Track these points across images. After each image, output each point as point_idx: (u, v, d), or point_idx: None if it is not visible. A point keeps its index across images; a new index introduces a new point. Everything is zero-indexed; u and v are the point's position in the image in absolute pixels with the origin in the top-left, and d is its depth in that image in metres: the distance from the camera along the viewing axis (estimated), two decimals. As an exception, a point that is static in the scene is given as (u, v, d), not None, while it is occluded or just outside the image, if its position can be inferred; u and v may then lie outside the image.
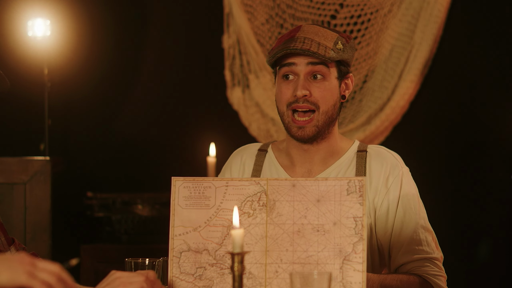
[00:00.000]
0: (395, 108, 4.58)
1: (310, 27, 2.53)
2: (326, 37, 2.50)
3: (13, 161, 4.35)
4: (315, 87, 2.48)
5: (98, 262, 4.51)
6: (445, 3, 4.49)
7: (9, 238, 2.38)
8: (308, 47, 2.45)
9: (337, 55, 2.48)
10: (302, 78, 2.48)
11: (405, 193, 2.50)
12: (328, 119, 2.51)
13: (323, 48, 2.46)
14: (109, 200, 4.65)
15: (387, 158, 2.53)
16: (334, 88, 2.52)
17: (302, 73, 2.48)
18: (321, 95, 2.48)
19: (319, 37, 2.49)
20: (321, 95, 2.48)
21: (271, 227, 2.11)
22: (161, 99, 4.95)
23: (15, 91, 4.69)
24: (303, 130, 2.49)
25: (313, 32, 2.50)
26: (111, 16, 4.96)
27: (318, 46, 2.46)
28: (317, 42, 2.47)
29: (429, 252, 2.47)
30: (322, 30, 2.52)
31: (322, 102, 2.49)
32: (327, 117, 2.50)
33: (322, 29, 2.53)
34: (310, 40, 2.47)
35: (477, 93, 4.55)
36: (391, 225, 2.48)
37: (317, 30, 2.51)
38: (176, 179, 2.18)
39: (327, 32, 2.52)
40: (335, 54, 2.47)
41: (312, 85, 2.48)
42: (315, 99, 2.48)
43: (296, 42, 2.46)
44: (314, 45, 2.46)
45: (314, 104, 2.48)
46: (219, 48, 4.84)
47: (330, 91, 2.50)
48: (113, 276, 1.98)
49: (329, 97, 2.50)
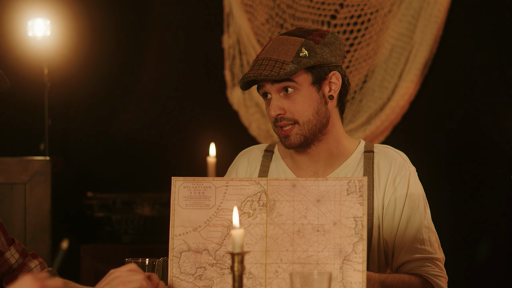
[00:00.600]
0: (395, 108, 4.58)
1: (276, 41, 2.50)
2: (287, 49, 2.46)
3: (13, 161, 4.35)
4: (287, 103, 2.47)
5: (98, 262, 4.51)
6: (445, 3, 4.49)
7: (9, 238, 2.38)
8: (261, 71, 2.43)
9: (298, 65, 2.43)
10: (273, 97, 2.48)
11: (411, 193, 2.50)
12: (313, 126, 2.49)
13: (278, 65, 2.43)
14: (109, 200, 4.65)
15: (395, 158, 2.53)
16: (309, 96, 2.48)
17: (272, 92, 2.48)
18: (295, 109, 2.47)
19: (278, 52, 2.46)
20: (295, 109, 2.47)
21: (271, 227, 2.11)
22: (161, 99, 4.95)
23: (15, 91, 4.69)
24: (289, 139, 2.49)
25: (274, 48, 2.48)
26: (111, 16, 4.96)
27: (274, 66, 2.43)
28: (274, 61, 2.44)
29: (432, 252, 2.47)
30: (286, 41, 2.48)
31: (299, 115, 2.47)
32: (311, 125, 2.48)
33: (286, 39, 2.49)
34: (267, 60, 2.45)
35: (477, 93, 4.55)
36: (397, 224, 2.48)
37: (279, 44, 2.48)
38: (176, 179, 2.18)
39: (290, 42, 2.48)
40: (294, 66, 2.42)
41: (284, 102, 2.47)
42: (291, 114, 2.47)
43: (254, 66, 2.46)
44: (269, 66, 2.43)
45: (291, 120, 2.47)
46: (219, 48, 4.84)
47: (306, 101, 2.47)
48: (112, 275, 1.97)
49: (306, 107, 2.47)
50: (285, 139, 2.49)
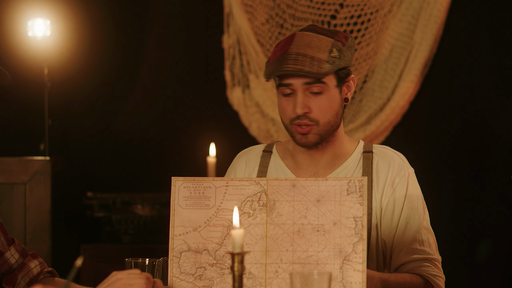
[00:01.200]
0: (395, 108, 4.58)
1: (304, 37, 2.46)
2: (319, 47, 2.44)
3: (13, 161, 4.35)
4: (314, 102, 2.45)
5: (98, 262, 4.51)
6: (445, 3, 4.49)
7: (9, 238, 2.38)
8: (301, 66, 2.39)
9: (332, 66, 2.42)
10: (300, 95, 2.44)
11: (410, 194, 2.50)
12: (331, 127, 2.49)
13: (316, 63, 2.41)
14: (109, 200, 4.65)
15: (393, 159, 2.53)
16: (334, 98, 2.47)
17: (300, 90, 2.44)
18: (320, 110, 2.45)
19: (312, 49, 2.43)
20: (320, 110, 2.45)
21: (271, 227, 2.11)
22: (161, 99, 4.95)
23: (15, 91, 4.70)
24: (306, 137, 2.47)
25: (306, 43, 2.44)
26: (111, 16, 4.96)
27: (312, 63, 2.40)
28: (310, 57, 2.41)
29: (430, 253, 2.47)
30: (316, 39, 2.45)
31: (322, 117, 2.45)
32: (329, 126, 2.48)
33: (316, 37, 2.46)
34: (303, 56, 2.41)
35: (477, 93, 4.55)
36: (395, 225, 2.48)
37: (310, 40, 2.45)
38: (176, 179, 2.18)
39: (321, 41, 2.45)
40: (330, 67, 2.42)
41: (311, 101, 2.45)
42: (315, 115, 2.45)
43: (289, 60, 2.41)
44: (307, 62, 2.40)
45: (313, 120, 2.45)
46: (219, 48, 4.84)
47: (330, 103, 2.46)
48: (114, 277, 1.97)
49: (329, 109, 2.46)
50: (301, 137, 2.47)
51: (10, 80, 2.29)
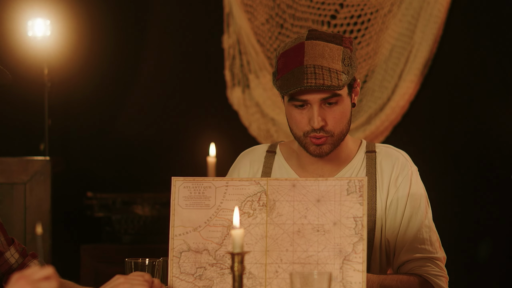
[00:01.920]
0: (395, 108, 4.58)
1: (314, 46, 2.41)
2: (333, 57, 2.39)
3: (13, 161, 4.35)
4: (329, 114, 2.41)
5: (98, 262, 4.51)
6: (445, 3, 4.49)
7: (9, 238, 2.37)
8: (322, 82, 2.34)
9: (347, 76, 2.39)
10: (316, 109, 2.39)
11: (413, 192, 2.50)
12: (343, 136, 2.47)
13: (335, 75, 2.36)
14: (109, 200, 4.65)
15: (397, 157, 2.53)
16: (346, 107, 2.45)
17: (315, 103, 2.40)
18: (335, 121, 2.42)
19: (327, 60, 2.38)
20: (335, 121, 2.42)
21: (271, 227, 2.11)
22: (161, 99, 4.95)
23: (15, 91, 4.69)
24: (321, 148, 2.44)
25: (319, 54, 2.39)
26: (111, 16, 4.96)
27: (330, 75, 2.36)
28: (327, 69, 2.36)
29: (432, 252, 2.47)
30: (328, 49, 2.41)
31: (337, 128, 2.43)
32: (342, 135, 2.46)
33: (327, 46, 2.42)
34: (321, 69, 2.36)
35: (477, 93, 4.55)
36: (398, 224, 2.48)
37: (323, 50, 2.40)
38: (176, 179, 2.18)
39: (332, 50, 2.41)
40: (346, 77, 2.38)
41: (326, 114, 2.41)
42: (330, 127, 2.42)
43: (307, 74, 2.35)
44: (326, 75, 2.35)
45: (328, 132, 2.42)
46: (219, 48, 4.84)
47: (344, 113, 2.44)
48: (116, 281, 1.97)
49: (343, 119, 2.44)
50: (316, 148, 2.44)
51: (11, 80, 2.29)
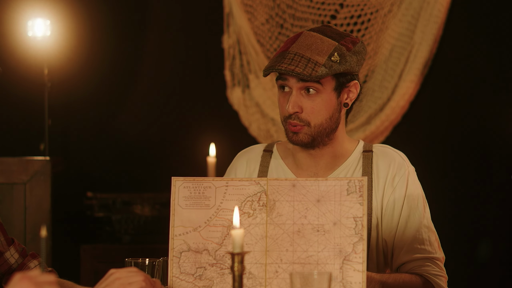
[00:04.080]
0: (395, 108, 4.58)
1: (308, 37, 2.45)
2: (320, 50, 2.42)
3: (13, 161, 4.35)
4: (307, 103, 2.44)
5: (98, 262, 4.51)
6: (445, 3, 4.50)
7: (8, 238, 2.37)
8: (294, 67, 2.39)
9: (329, 70, 2.40)
10: (294, 94, 2.43)
11: (410, 192, 2.50)
12: (323, 130, 2.47)
13: (311, 66, 2.39)
14: (109, 200, 4.65)
15: (394, 157, 2.53)
16: (329, 101, 2.46)
17: (295, 88, 2.44)
18: (312, 111, 2.44)
19: (312, 51, 2.42)
20: (312, 111, 2.44)
21: (271, 227, 2.11)
22: (161, 99, 4.95)
23: (15, 91, 4.69)
24: (297, 136, 2.46)
25: (307, 44, 2.43)
26: (111, 16, 4.96)
27: (306, 64, 2.39)
28: (306, 59, 2.40)
29: (431, 252, 2.47)
30: (319, 41, 2.44)
31: (313, 118, 2.44)
32: (321, 129, 2.46)
33: (320, 39, 2.45)
34: (300, 57, 2.41)
35: (477, 93, 4.56)
36: (396, 224, 2.48)
37: (313, 42, 2.44)
38: (176, 179, 2.18)
39: (324, 43, 2.44)
40: (326, 70, 2.40)
41: (304, 100, 2.44)
42: (306, 115, 2.44)
43: (285, 59, 2.41)
44: (302, 63, 2.40)
45: (303, 121, 2.44)
46: (219, 48, 4.84)
47: (324, 105, 2.45)
48: (112, 276, 1.97)
49: (323, 111, 2.45)
50: (293, 135, 2.47)
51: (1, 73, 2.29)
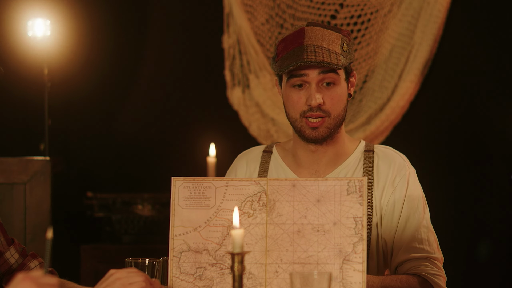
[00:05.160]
0: (395, 108, 4.58)
1: (314, 31, 2.48)
2: (332, 40, 2.47)
3: (13, 161, 4.35)
4: (327, 95, 2.46)
5: (98, 262, 4.51)
6: (445, 3, 4.50)
7: (9, 238, 2.37)
8: (322, 58, 2.42)
9: (346, 59, 2.47)
10: (314, 87, 2.45)
11: (410, 193, 2.50)
12: (338, 121, 2.50)
13: (334, 55, 2.44)
14: (109, 200, 4.65)
15: (394, 158, 2.54)
16: (343, 91, 2.50)
17: (314, 82, 2.46)
18: (333, 102, 2.47)
19: (327, 42, 2.46)
20: (333, 102, 2.47)
21: (271, 227, 2.11)
22: (161, 99, 4.95)
23: (15, 92, 4.69)
24: (317, 131, 2.48)
25: (319, 36, 2.47)
26: (111, 16, 4.96)
27: (329, 54, 2.44)
28: (327, 49, 2.44)
29: (430, 252, 2.47)
30: (327, 33, 2.49)
31: (334, 109, 2.47)
32: (338, 120, 2.50)
33: (326, 31, 2.49)
34: (321, 48, 2.44)
35: (477, 93, 4.56)
36: (395, 224, 2.48)
37: (322, 34, 2.48)
38: (176, 179, 2.18)
39: (331, 35, 2.49)
40: (344, 59, 2.46)
41: (324, 93, 2.46)
42: (328, 107, 2.46)
43: (308, 52, 2.43)
44: (325, 54, 2.43)
45: (326, 112, 2.47)
46: (219, 48, 4.84)
47: (341, 96, 2.49)
48: (112, 276, 1.97)
49: (340, 102, 2.49)
50: (312, 131, 2.48)
51: (3, 73, 2.29)
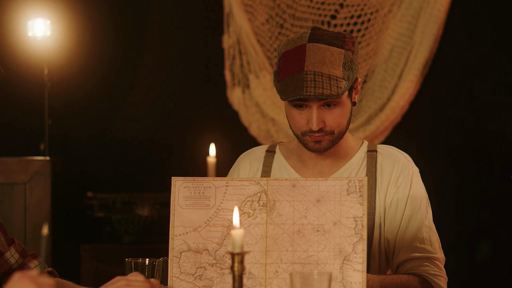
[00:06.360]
0: (395, 108, 4.58)
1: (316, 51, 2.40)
2: (333, 62, 2.39)
3: (13, 161, 4.35)
4: (329, 115, 2.43)
5: (98, 262, 4.51)
6: (445, 3, 4.49)
7: (9, 238, 2.37)
8: (321, 91, 2.35)
9: (347, 82, 2.40)
10: (315, 111, 2.41)
11: (414, 193, 2.50)
12: (342, 134, 2.49)
13: (334, 83, 2.37)
14: (109, 200, 4.65)
15: (398, 158, 2.54)
16: (346, 108, 2.46)
17: (315, 106, 2.42)
18: (335, 121, 2.43)
19: (327, 66, 2.38)
20: (335, 121, 2.43)
21: (271, 227, 2.11)
22: (161, 99, 4.95)
23: (15, 92, 4.69)
24: (320, 144, 2.46)
25: (320, 60, 2.39)
26: (111, 16, 4.96)
27: (330, 83, 2.37)
28: (327, 77, 2.37)
29: (431, 252, 2.47)
30: (329, 53, 2.41)
31: (336, 127, 2.45)
32: (341, 134, 2.48)
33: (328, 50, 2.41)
34: (320, 76, 2.37)
35: (477, 93, 4.56)
36: (398, 224, 2.48)
37: (323, 55, 2.40)
38: (176, 179, 2.18)
39: (333, 54, 2.41)
40: (346, 83, 2.39)
41: (325, 115, 2.43)
42: (330, 127, 2.44)
43: (307, 81, 2.36)
44: (325, 83, 2.36)
45: (328, 132, 2.44)
46: (219, 48, 4.84)
47: (344, 113, 2.45)
48: (117, 283, 1.96)
49: (343, 119, 2.46)
50: (314, 144, 2.46)
51: (3, 73, 2.29)
